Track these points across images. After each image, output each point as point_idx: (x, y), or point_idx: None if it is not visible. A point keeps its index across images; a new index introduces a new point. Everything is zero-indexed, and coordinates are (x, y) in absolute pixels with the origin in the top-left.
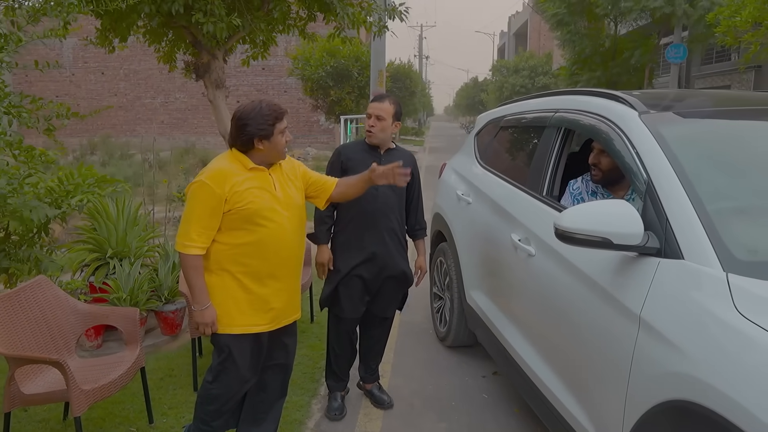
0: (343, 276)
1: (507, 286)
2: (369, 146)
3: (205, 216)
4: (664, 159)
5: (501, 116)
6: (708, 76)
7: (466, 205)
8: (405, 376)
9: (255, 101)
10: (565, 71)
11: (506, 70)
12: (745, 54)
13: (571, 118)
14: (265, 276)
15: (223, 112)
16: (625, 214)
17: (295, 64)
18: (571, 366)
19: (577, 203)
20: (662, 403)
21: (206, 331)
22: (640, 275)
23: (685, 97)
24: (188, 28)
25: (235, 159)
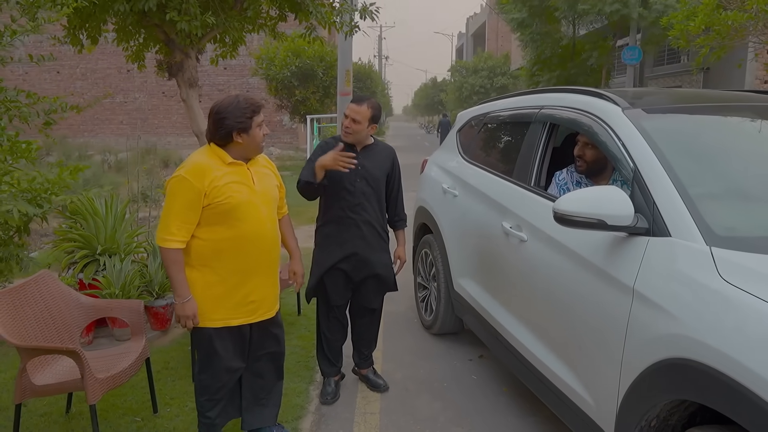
0: (326, 270)
1: (499, 270)
2: (346, 144)
3: (184, 210)
4: (648, 149)
5: (484, 113)
6: (660, 77)
7: (452, 197)
8: (396, 361)
9: (231, 96)
10: (526, 71)
11: (465, 71)
12: (696, 57)
13: (557, 114)
14: (245, 270)
15: (197, 111)
16: (617, 198)
17: (259, 64)
18: (565, 340)
19: (563, 193)
20: (657, 363)
21: (188, 324)
22: (631, 252)
23: (660, 95)
24: (161, 26)
25: (214, 154)
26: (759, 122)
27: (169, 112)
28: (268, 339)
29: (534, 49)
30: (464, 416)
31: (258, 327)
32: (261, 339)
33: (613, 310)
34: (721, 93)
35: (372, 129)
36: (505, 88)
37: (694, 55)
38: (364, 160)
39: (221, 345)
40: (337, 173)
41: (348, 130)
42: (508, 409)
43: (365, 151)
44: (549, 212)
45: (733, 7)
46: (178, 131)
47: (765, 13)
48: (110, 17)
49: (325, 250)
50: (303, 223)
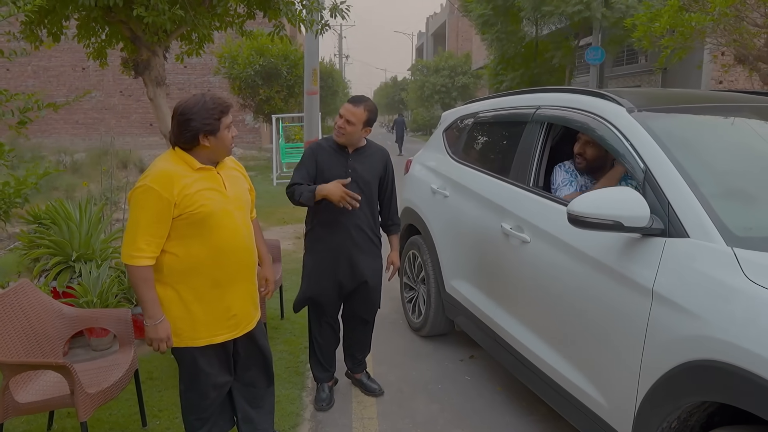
0: (316, 280)
1: (498, 272)
2: (338, 145)
3: (153, 223)
4: (658, 150)
5: (473, 113)
6: (620, 77)
7: (442, 198)
8: (387, 364)
9: (197, 95)
10: (490, 71)
11: (426, 70)
12: (658, 57)
13: (557, 114)
14: (223, 283)
15: (165, 111)
16: (632, 199)
17: (222, 63)
18: (574, 341)
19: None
20: (682, 365)
21: (161, 347)
22: (647, 254)
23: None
24: (127, 22)
25: (180, 159)
26: (761, 122)
27: (128, 112)
28: (254, 349)
29: (498, 49)
30: (463, 417)
31: (242, 339)
32: (247, 350)
33: (630, 312)
34: (713, 93)
35: (366, 132)
36: (466, 88)
37: (652, 55)
38: (356, 164)
39: (206, 363)
40: (328, 176)
41: (341, 130)
42: (505, 409)
43: (357, 153)
44: (553, 213)
45: (695, 9)
46: (138, 131)
47: (726, 15)
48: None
49: (317, 258)
50: (273, 224)
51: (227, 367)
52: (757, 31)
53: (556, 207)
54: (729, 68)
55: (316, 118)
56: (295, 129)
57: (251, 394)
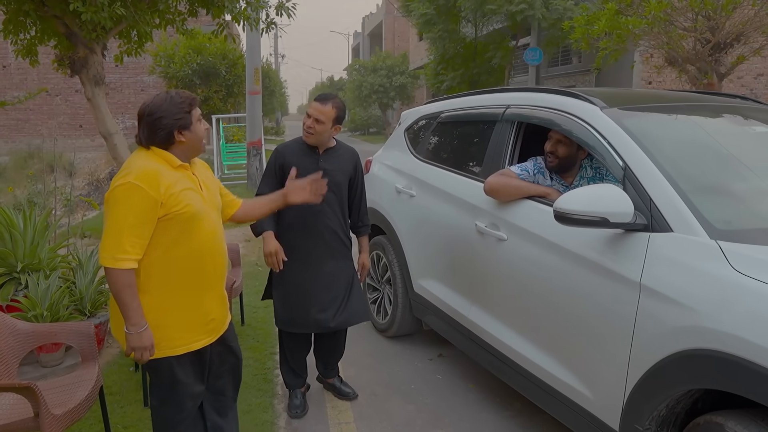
0: (292, 289)
1: (473, 270)
2: (307, 145)
3: (138, 223)
4: (636, 147)
5: (436, 112)
6: (555, 77)
7: (408, 198)
8: (356, 366)
9: (161, 94)
10: (430, 70)
11: (364, 70)
12: (589, 58)
13: (528, 113)
14: (203, 287)
15: (105, 111)
16: (616, 196)
17: (157, 62)
18: (557, 335)
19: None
20: (673, 354)
21: (143, 356)
22: (632, 248)
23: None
24: (61, 17)
25: (159, 157)
26: (726, 119)
27: (55, 112)
28: (227, 353)
29: (439, 48)
30: (440, 416)
31: (216, 345)
32: (221, 355)
33: (617, 305)
34: (672, 93)
35: (336, 130)
36: (404, 88)
37: (586, 57)
38: (327, 164)
39: (183, 372)
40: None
41: (310, 130)
42: (481, 406)
43: (328, 154)
44: (530, 210)
45: (631, 13)
46: (66, 132)
47: (659, 19)
48: None
49: (288, 267)
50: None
51: (202, 375)
52: (685, 35)
53: (534, 204)
54: (660, 69)
55: (259, 117)
56: (233, 129)
57: (220, 403)
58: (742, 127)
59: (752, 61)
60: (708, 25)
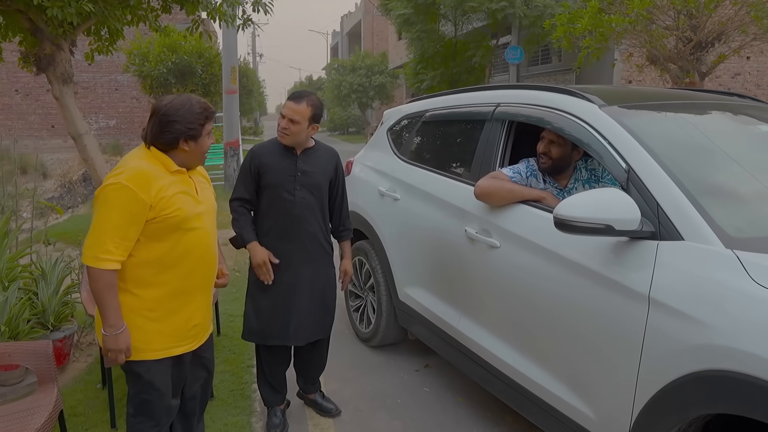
0: (269, 299)
1: (463, 279)
2: (284, 146)
3: (125, 224)
4: (639, 148)
5: (421, 111)
6: (535, 76)
7: (392, 201)
8: (339, 379)
9: (182, 96)
10: (410, 69)
11: (343, 69)
12: (578, 57)
13: (519, 112)
14: (188, 291)
15: (73, 111)
16: (622, 201)
17: (131, 60)
18: (556, 351)
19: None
20: (686, 375)
21: (119, 358)
22: (639, 258)
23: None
24: (26, 12)
25: (156, 159)
26: (731, 118)
27: (25, 113)
28: (200, 368)
29: (418, 48)
30: None
31: (193, 354)
32: (194, 368)
33: (623, 320)
34: (668, 91)
35: (313, 130)
36: (383, 87)
37: (566, 56)
38: (305, 166)
39: (162, 381)
40: (274, 180)
41: (285, 131)
42: (471, 421)
43: (306, 154)
44: (525, 215)
45: (614, 11)
46: (37, 133)
47: (642, 17)
48: None
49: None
50: None
51: (178, 388)
52: (667, 34)
53: (528, 209)
54: (642, 68)
55: (236, 117)
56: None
57: (188, 423)
58: (748, 126)
59: (729, 60)
60: (690, 24)
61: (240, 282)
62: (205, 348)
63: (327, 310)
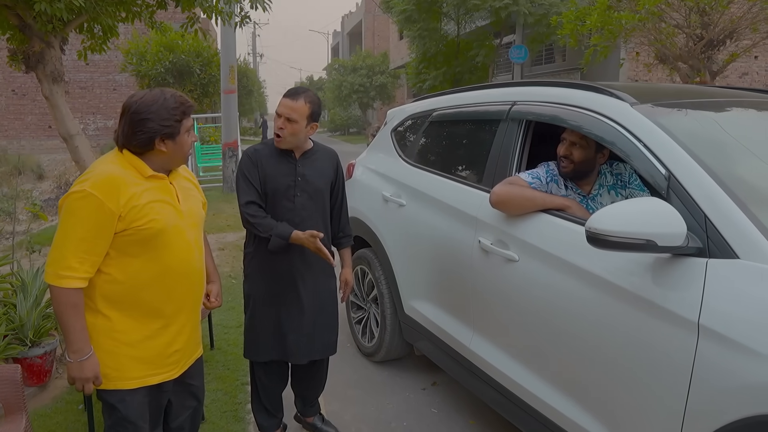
0: (266, 313)
1: (476, 294)
2: (281, 149)
3: (90, 237)
4: (681, 151)
5: (428, 110)
6: (538, 76)
7: (397, 207)
8: (340, 399)
9: (155, 91)
10: (412, 69)
11: (344, 69)
12: (585, 55)
13: (537, 111)
14: (167, 312)
15: (64, 111)
16: (665, 212)
17: (128, 59)
18: (585, 380)
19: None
20: (744, 420)
21: (87, 388)
22: (684, 278)
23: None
24: (13, 8)
25: (128, 164)
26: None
27: (21, 113)
28: (186, 396)
29: (420, 47)
30: None
31: (175, 381)
32: (179, 396)
33: (667, 350)
34: (698, 88)
35: (312, 129)
36: (384, 87)
37: (571, 55)
38: (305, 170)
39: (137, 413)
40: (274, 187)
41: (281, 132)
42: None
43: (305, 158)
44: (547, 226)
45: (624, 8)
46: (33, 134)
47: (653, 14)
48: None
49: (261, 286)
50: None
51: (157, 419)
52: (676, 32)
53: (551, 219)
54: (650, 67)
55: (235, 117)
56: (209, 130)
57: None
58: None
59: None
60: (701, 22)
61: (236, 289)
62: (192, 374)
63: (331, 326)
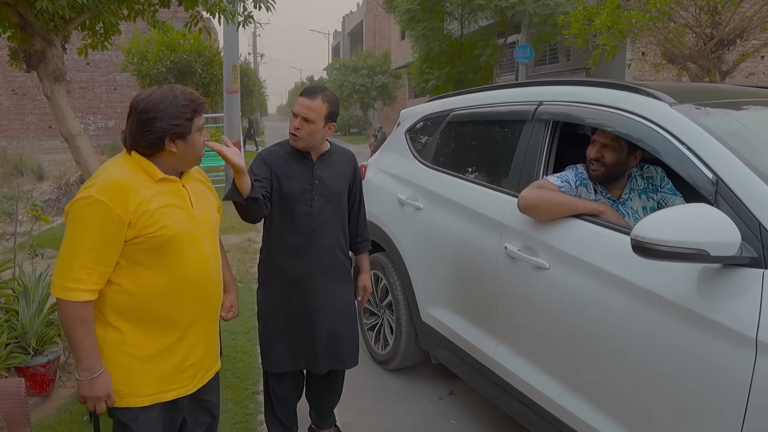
0: (284, 326)
1: (501, 302)
2: (297, 151)
3: (98, 246)
4: (729, 154)
5: (445, 111)
6: (542, 76)
7: (414, 211)
8: (354, 409)
9: (163, 87)
10: (415, 69)
11: (345, 69)
12: (592, 55)
13: (567, 112)
14: (182, 324)
15: (65, 110)
16: (717, 220)
17: (129, 59)
18: (627, 395)
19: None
20: None
21: (99, 407)
22: (738, 290)
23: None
24: (14, 5)
25: (137, 167)
26: None
27: (22, 113)
28: (202, 413)
29: (424, 46)
30: None
31: (191, 396)
32: (193, 414)
33: (719, 367)
34: (733, 87)
35: (329, 130)
36: (385, 87)
37: (576, 55)
38: (322, 172)
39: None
40: (290, 190)
41: (298, 133)
42: None
43: (322, 159)
44: (580, 232)
45: (634, 7)
46: (34, 134)
47: (664, 13)
48: None
49: (274, 295)
50: None
51: None
52: (685, 31)
53: (584, 224)
54: (659, 67)
55: (237, 118)
56: (211, 130)
57: None
58: None
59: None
60: (712, 21)
61: (242, 294)
62: (208, 390)
63: (352, 335)
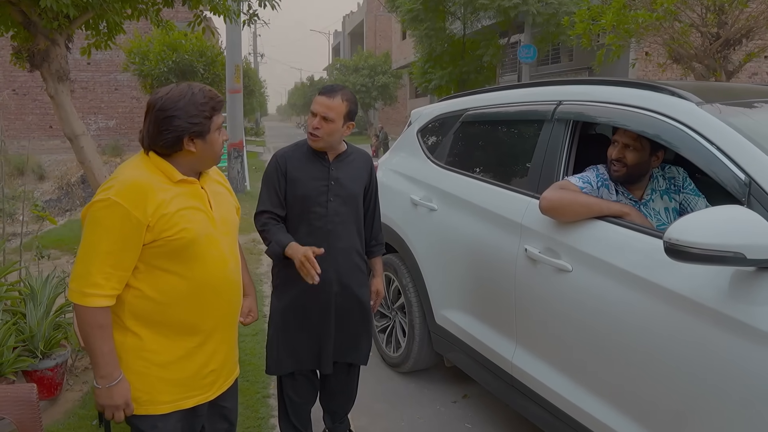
0: (296, 329)
1: (520, 305)
2: (314, 151)
3: (116, 250)
4: (762, 155)
5: (458, 110)
6: (545, 76)
7: (427, 212)
8: (367, 413)
9: (181, 85)
10: (417, 69)
11: (345, 69)
12: (597, 55)
13: (588, 112)
14: (202, 329)
15: (69, 110)
16: (754, 222)
17: (131, 59)
18: (658, 403)
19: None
20: None
21: (118, 416)
22: None
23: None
24: (18, 4)
25: (155, 168)
26: None
27: (22, 113)
28: (219, 419)
29: (426, 46)
30: None
31: (209, 403)
32: (211, 421)
33: (756, 373)
34: (757, 86)
35: (348, 129)
36: (386, 87)
37: (579, 55)
38: (338, 173)
39: None
40: (304, 192)
41: (317, 132)
42: None
43: (339, 160)
44: (605, 233)
45: (640, 6)
46: (35, 134)
47: (671, 13)
48: None
49: (290, 298)
50: None
51: None
52: (692, 31)
53: (608, 226)
54: (664, 67)
55: (240, 117)
56: None
57: None
58: None
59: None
60: (718, 20)
61: None
62: (226, 396)
63: (365, 336)
